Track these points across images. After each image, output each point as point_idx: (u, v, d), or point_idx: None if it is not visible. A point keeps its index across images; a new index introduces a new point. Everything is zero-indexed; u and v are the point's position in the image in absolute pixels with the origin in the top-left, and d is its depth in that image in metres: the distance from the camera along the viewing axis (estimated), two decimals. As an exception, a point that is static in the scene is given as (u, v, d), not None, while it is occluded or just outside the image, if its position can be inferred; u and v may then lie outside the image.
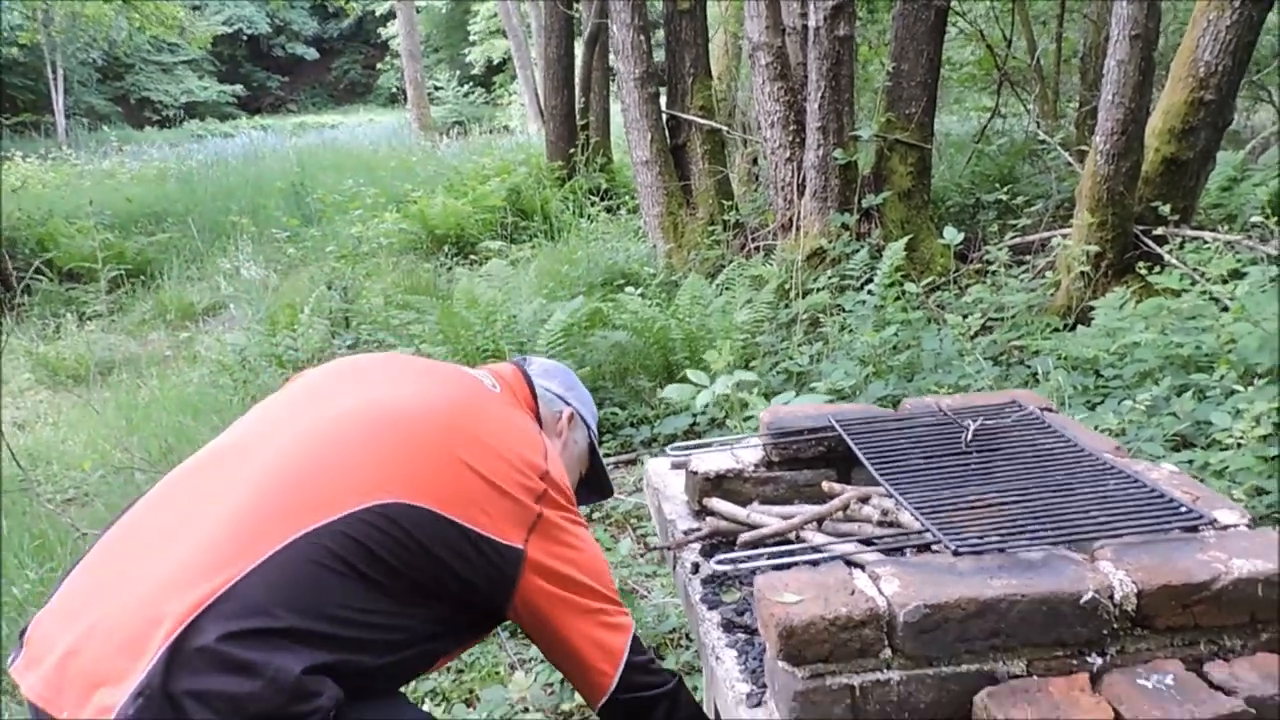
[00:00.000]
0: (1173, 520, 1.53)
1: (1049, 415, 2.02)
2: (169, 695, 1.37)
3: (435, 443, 1.65)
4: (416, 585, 1.57)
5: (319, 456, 1.59)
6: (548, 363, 2.16)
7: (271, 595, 1.44)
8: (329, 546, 1.49)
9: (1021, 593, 1.35)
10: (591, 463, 2.16)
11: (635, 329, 5.14)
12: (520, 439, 1.77)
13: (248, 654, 1.39)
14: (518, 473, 1.69)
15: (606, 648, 1.73)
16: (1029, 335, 4.75)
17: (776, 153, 6.80)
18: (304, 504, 1.52)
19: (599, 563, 1.79)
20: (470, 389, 1.85)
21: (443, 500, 1.59)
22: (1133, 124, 5.42)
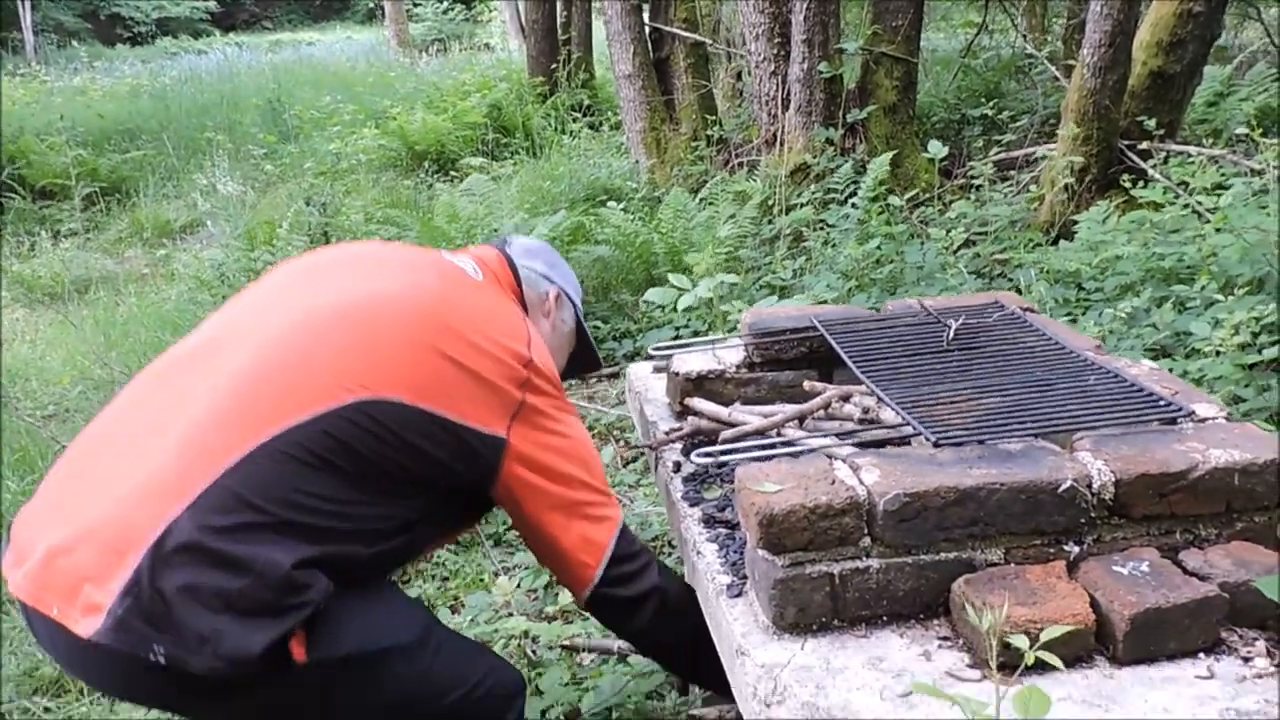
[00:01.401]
0: (1151, 413, 1.54)
1: (1031, 315, 2.02)
2: (158, 591, 1.37)
3: (412, 335, 1.62)
4: (399, 477, 1.56)
5: (294, 354, 1.57)
6: (529, 242, 2.09)
7: (254, 491, 1.44)
8: (306, 444, 1.48)
9: (1000, 481, 1.35)
10: (579, 339, 2.10)
11: (618, 243, 5.10)
12: (503, 327, 1.73)
13: (235, 549, 1.40)
14: (499, 361, 1.66)
15: (590, 540, 1.71)
16: (1012, 249, 4.74)
17: (761, 66, 6.70)
18: (281, 403, 1.51)
19: (586, 452, 1.75)
20: (451, 278, 1.81)
21: (420, 393, 1.57)
22: (1120, 36, 5.36)
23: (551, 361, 1.79)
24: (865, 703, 1.23)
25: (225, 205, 8.05)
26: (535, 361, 1.71)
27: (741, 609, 1.44)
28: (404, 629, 1.61)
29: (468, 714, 1.65)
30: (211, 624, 1.37)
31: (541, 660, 2.70)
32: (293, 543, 1.44)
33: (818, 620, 1.37)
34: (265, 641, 1.39)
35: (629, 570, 1.74)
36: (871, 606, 1.37)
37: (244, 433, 1.48)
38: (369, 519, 1.54)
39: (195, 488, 1.42)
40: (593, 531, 1.71)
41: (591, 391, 4.51)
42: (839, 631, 1.37)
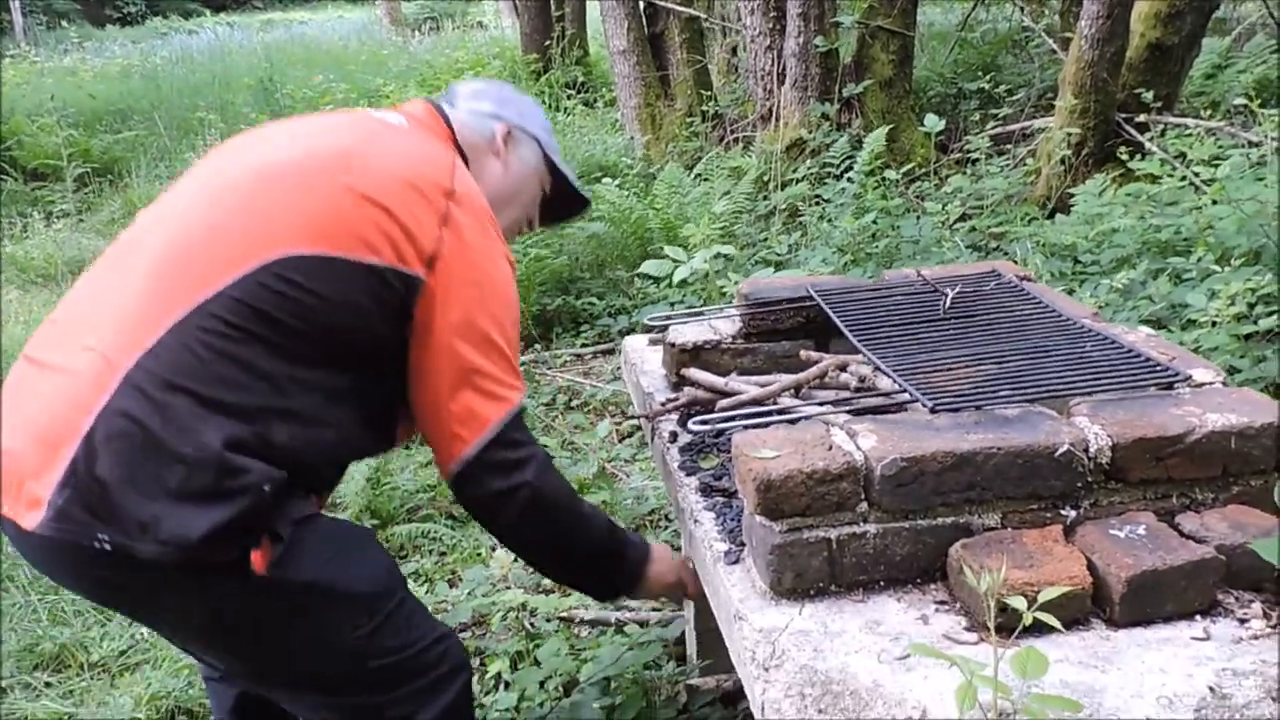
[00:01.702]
0: (1149, 378, 1.53)
1: (1028, 284, 2.01)
2: (96, 479, 1.39)
3: (321, 182, 1.56)
4: (325, 341, 1.52)
5: (201, 229, 1.54)
6: (477, 83, 1.94)
7: (175, 371, 1.43)
8: (222, 315, 1.46)
9: (997, 446, 1.35)
10: (553, 177, 1.95)
11: (613, 220, 5.09)
12: (421, 158, 1.64)
13: (163, 433, 1.40)
14: (415, 192, 1.57)
15: (474, 414, 1.58)
16: (1008, 223, 4.74)
17: (756, 40, 6.66)
18: (192, 279, 1.48)
19: (504, 312, 1.62)
20: (368, 126, 1.71)
21: (327, 239, 1.51)
22: (1119, 8, 5.34)
23: (484, 201, 1.68)
24: (863, 665, 1.23)
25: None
26: (459, 192, 1.61)
27: (739, 575, 1.44)
28: (370, 579, 1.60)
29: (408, 678, 1.62)
30: (150, 510, 1.38)
31: (539, 632, 2.71)
32: (222, 420, 1.42)
33: (815, 585, 1.37)
34: (206, 526, 1.39)
35: (506, 458, 1.61)
36: (869, 571, 1.37)
37: (159, 314, 1.47)
38: (302, 391, 1.50)
39: (118, 375, 1.43)
40: (481, 406, 1.58)
41: (587, 368, 4.51)
42: (836, 596, 1.37)
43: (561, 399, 4.14)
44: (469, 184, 1.65)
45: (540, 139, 1.91)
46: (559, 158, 1.96)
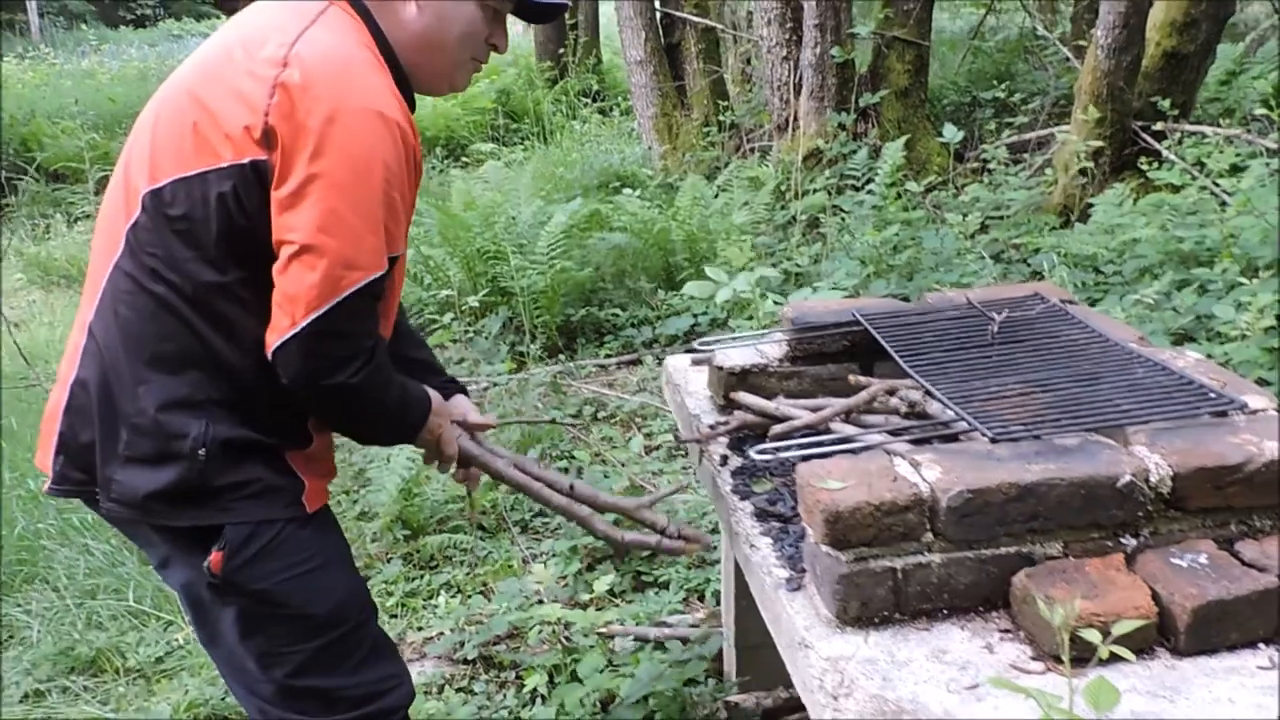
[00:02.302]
0: (1203, 405, 1.56)
1: (1072, 307, 2.03)
2: (81, 444, 1.56)
3: (179, 103, 1.53)
4: (216, 254, 1.49)
5: (118, 180, 1.60)
6: None
7: (113, 340, 1.53)
8: (127, 269, 1.52)
9: (1060, 477, 1.37)
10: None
11: (635, 231, 5.12)
12: (262, 34, 1.52)
13: (111, 404, 1.53)
14: (247, 77, 1.47)
15: (293, 295, 1.44)
16: (1029, 233, 4.75)
17: (773, 51, 6.69)
18: (109, 236, 1.57)
19: (349, 174, 1.44)
20: (241, 17, 1.63)
21: (182, 159, 1.49)
22: (1135, 16, 5.36)
23: (345, 55, 1.50)
24: (933, 695, 1.25)
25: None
26: (296, 55, 1.46)
27: (801, 603, 1.46)
28: (326, 602, 1.63)
29: (337, 708, 1.65)
30: (109, 470, 1.54)
31: (577, 647, 2.73)
32: (157, 379, 1.51)
33: (879, 614, 1.39)
34: (148, 488, 1.51)
35: (327, 349, 1.48)
36: (932, 600, 1.40)
37: (97, 278, 1.57)
38: (217, 321, 1.50)
39: (78, 349, 1.58)
40: (302, 286, 1.44)
41: (611, 379, 4.53)
42: (900, 625, 1.39)
43: (588, 410, 4.17)
44: (317, 43, 1.49)
45: None
46: None
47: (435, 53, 1.64)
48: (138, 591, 3.00)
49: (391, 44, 1.61)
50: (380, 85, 1.51)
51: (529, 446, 3.77)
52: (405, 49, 1.62)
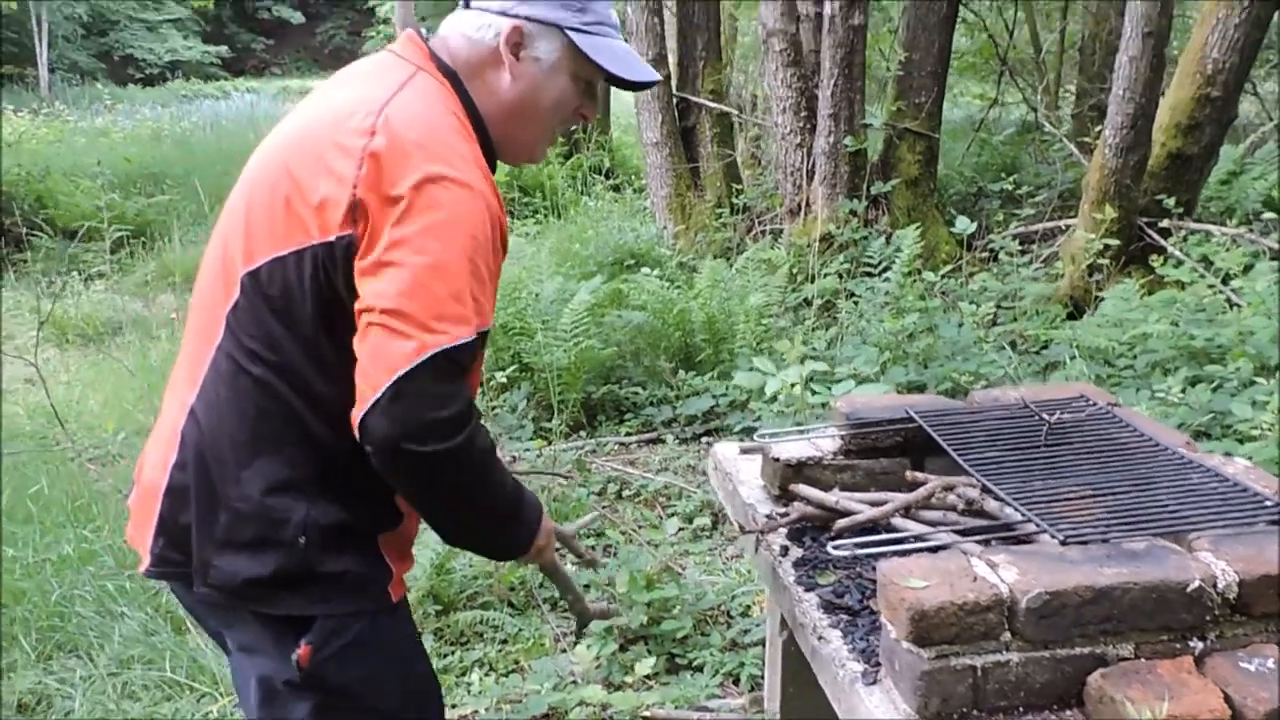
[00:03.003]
0: (1259, 513, 1.63)
1: (1118, 410, 2.11)
2: (180, 526, 1.56)
3: (270, 181, 1.53)
4: (312, 331, 1.49)
5: (215, 260, 1.60)
6: None
7: (213, 417, 1.53)
8: (230, 351, 1.52)
9: (1133, 581, 1.44)
10: (590, 61, 1.62)
11: (654, 310, 5.21)
12: (348, 107, 1.50)
13: (215, 482, 1.52)
14: (336, 149, 1.45)
15: (378, 356, 1.39)
16: (1042, 325, 4.87)
17: (787, 138, 6.88)
18: (208, 318, 1.56)
19: (434, 241, 1.40)
20: (329, 88, 1.64)
21: (278, 238, 1.48)
22: (1142, 119, 5.55)
23: (432, 123, 1.49)
24: (1017, 792, 1.30)
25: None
26: (384, 125, 1.45)
27: (879, 697, 1.51)
28: (403, 696, 1.65)
29: None
30: (206, 554, 1.53)
31: (617, 730, 2.75)
32: (261, 462, 1.50)
33: (959, 710, 1.44)
34: (247, 574, 1.51)
35: (419, 414, 1.39)
36: (1009, 697, 1.45)
37: (199, 359, 1.56)
38: (316, 403, 1.50)
39: (176, 431, 1.57)
40: (387, 348, 1.38)
41: (633, 457, 4.59)
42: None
43: (612, 488, 4.22)
44: (404, 112, 1.47)
45: (563, 23, 1.60)
46: (600, 33, 1.63)
47: (524, 122, 1.64)
48: (172, 661, 3.01)
49: (480, 112, 1.60)
50: (466, 153, 1.49)
51: (558, 524, 3.81)
52: (494, 117, 1.62)
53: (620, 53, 1.66)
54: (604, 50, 1.62)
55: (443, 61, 1.60)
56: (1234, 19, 5.47)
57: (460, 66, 1.60)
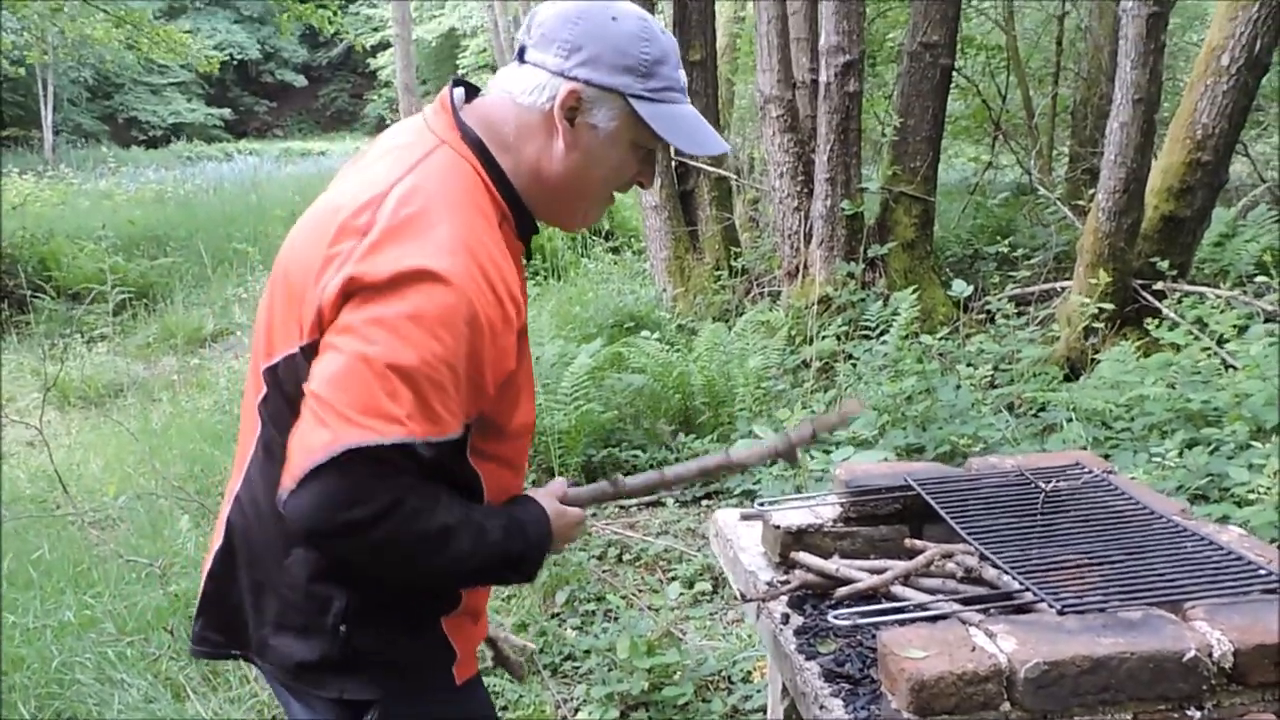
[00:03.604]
0: (1254, 582, 1.65)
1: (1113, 477, 2.14)
2: (229, 606, 1.59)
3: (287, 270, 1.49)
4: None
5: (255, 351, 1.56)
6: (553, 16, 1.49)
7: (259, 503, 1.51)
8: (266, 441, 1.50)
9: (1130, 651, 1.46)
10: (652, 131, 1.49)
11: (654, 373, 5.25)
12: (363, 185, 1.44)
13: (263, 566, 1.53)
14: (339, 245, 1.38)
15: (301, 441, 1.33)
16: (1039, 388, 4.90)
17: (785, 202, 6.97)
18: (250, 408, 1.55)
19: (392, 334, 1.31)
20: (358, 164, 1.59)
21: (299, 331, 1.43)
22: (1134, 183, 5.64)
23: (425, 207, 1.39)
24: None
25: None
26: (374, 223, 1.37)
27: (880, 766, 1.52)
28: None
29: None
30: (262, 633, 1.55)
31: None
32: (302, 550, 1.47)
33: (959, 779, 1.45)
34: (299, 658, 1.51)
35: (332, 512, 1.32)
36: (1009, 767, 1.46)
37: (245, 447, 1.56)
38: None
39: (223, 518, 1.60)
40: (311, 437, 1.32)
41: (633, 520, 4.60)
42: (977, 790, 1.45)
43: (612, 552, 4.22)
44: (403, 201, 1.39)
45: (625, 89, 1.47)
46: (667, 99, 1.51)
47: (575, 192, 1.54)
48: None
49: (515, 179, 1.51)
50: (456, 244, 1.37)
51: (557, 588, 3.82)
52: (541, 185, 1.52)
53: (687, 121, 1.53)
54: (668, 119, 1.49)
55: (468, 130, 1.50)
56: (1222, 86, 5.58)
57: (495, 132, 1.50)
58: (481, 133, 1.50)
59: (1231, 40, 5.50)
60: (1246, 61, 5.49)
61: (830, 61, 6.36)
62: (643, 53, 1.47)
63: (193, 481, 4.93)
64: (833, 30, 6.31)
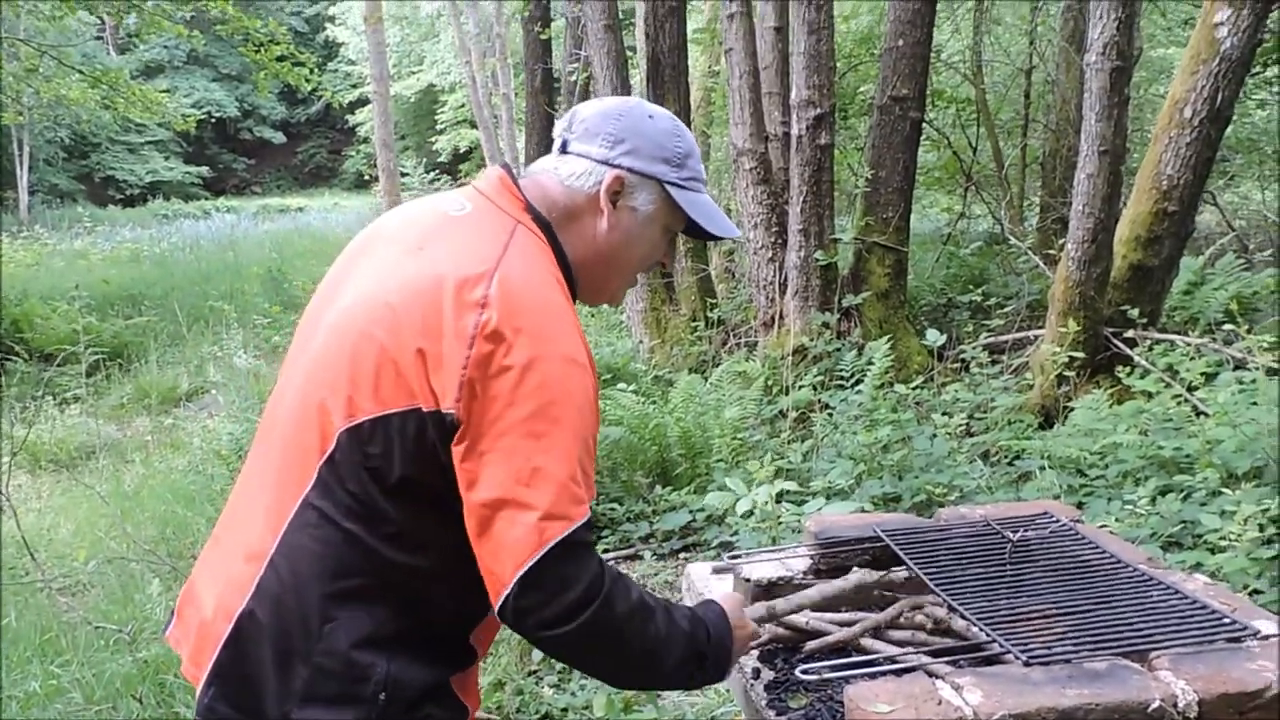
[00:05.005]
0: (1219, 631, 1.66)
1: (1080, 527, 2.15)
2: (241, 677, 1.50)
3: (362, 337, 1.50)
4: (405, 500, 1.47)
5: (298, 409, 1.55)
6: (594, 113, 1.66)
7: (298, 569, 1.48)
8: (318, 505, 1.49)
9: (1095, 702, 1.46)
10: (684, 214, 1.66)
11: (631, 426, 5.25)
12: (454, 270, 1.47)
13: (295, 636, 1.47)
14: (439, 317, 1.44)
15: (503, 550, 1.40)
16: (1013, 436, 4.92)
17: (759, 253, 7.02)
18: (296, 469, 1.52)
19: (550, 423, 1.41)
20: (421, 232, 1.60)
21: (378, 398, 1.46)
22: (1103, 232, 5.71)
23: (540, 290, 1.48)
24: None
25: (235, 376, 8.19)
26: (494, 297, 1.43)
27: (849, 823, 1.51)
28: None
29: None
30: (284, 707, 1.47)
31: None
32: (347, 615, 1.46)
33: (928, 836, 1.44)
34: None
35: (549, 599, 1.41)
36: (978, 822, 1.45)
37: (282, 509, 1.52)
38: (404, 558, 1.49)
39: (248, 580, 1.51)
40: (511, 539, 1.40)
41: (610, 573, 4.56)
42: (947, 847, 1.44)
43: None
44: (514, 283, 1.46)
45: (662, 176, 1.65)
46: (694, 188, 1.69)
47: (612, 269, 1.67)
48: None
49: (570, 256, 1.61)
50: (571, 325, 1.49)
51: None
52: (583, 262, 1.63)
53: (710, 208, 1.71)
54: (698, 206, 1.68)
55: (537, 211, 1.60)
56: (1185, 138, 5.68)
57: (556, 214, 1.62)
58: (545, 213, 1.61)
59: (1193, 93, 5.61)
60: (1208, 114, 5.59)
61: (802, 115, 6.45)
62: (676, 147, 1.66)
63: (164, 544, 4.87)
64: (804, 84, 6.41)
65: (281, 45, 11.06)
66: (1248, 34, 5.44)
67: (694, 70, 10.08)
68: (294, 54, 11.47)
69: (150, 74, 33.03)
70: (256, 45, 10.97)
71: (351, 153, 38.72)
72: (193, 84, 35.76)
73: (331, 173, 41.52)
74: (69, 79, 11.30)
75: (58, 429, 7.44)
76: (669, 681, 1.65)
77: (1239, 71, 5.56)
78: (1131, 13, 5.67)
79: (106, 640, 3.73)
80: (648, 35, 7.70)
